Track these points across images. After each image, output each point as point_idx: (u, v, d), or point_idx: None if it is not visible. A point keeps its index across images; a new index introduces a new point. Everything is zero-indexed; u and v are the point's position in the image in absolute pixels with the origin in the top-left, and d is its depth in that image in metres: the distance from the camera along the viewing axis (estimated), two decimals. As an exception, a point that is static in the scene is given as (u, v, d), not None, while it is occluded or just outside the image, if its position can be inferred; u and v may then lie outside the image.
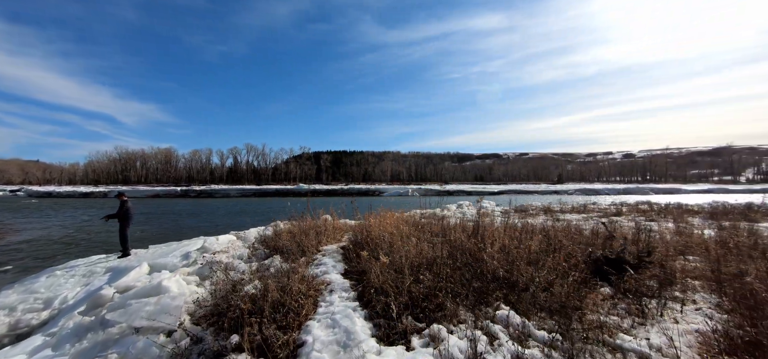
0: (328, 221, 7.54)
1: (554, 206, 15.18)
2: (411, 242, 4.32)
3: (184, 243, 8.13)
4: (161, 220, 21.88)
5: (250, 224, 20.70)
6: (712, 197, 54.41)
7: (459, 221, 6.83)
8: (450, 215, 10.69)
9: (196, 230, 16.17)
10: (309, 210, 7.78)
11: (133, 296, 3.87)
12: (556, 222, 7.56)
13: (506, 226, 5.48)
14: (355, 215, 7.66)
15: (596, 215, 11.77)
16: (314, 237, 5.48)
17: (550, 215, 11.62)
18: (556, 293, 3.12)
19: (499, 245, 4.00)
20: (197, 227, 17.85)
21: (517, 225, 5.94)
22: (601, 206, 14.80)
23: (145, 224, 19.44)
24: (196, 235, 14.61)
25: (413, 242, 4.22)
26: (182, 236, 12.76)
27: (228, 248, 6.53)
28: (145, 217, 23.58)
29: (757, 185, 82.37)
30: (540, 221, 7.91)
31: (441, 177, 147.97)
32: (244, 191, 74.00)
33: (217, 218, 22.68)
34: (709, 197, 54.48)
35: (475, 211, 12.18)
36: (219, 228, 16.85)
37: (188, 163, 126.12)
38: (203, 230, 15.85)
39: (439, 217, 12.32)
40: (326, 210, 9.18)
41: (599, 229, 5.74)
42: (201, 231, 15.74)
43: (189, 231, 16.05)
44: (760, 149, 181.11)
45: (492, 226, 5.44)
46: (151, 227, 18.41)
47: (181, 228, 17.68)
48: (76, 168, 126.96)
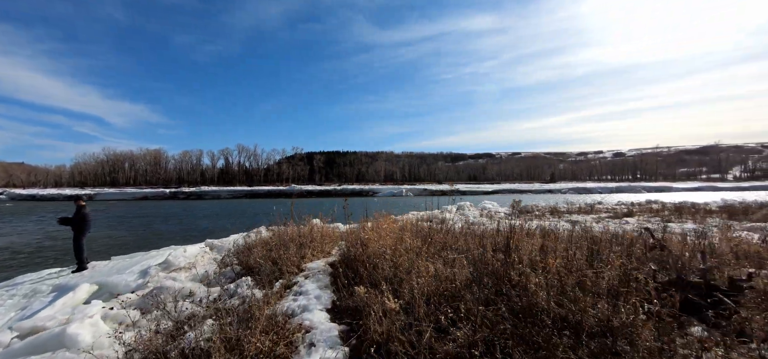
0: (316, 226, 6.39)
1: (560, 206, 14.28)
2: (420, 260, 3.26)
3: (150, 255, 6.97)
4: (140, 224, 20.42)
5: (235, 227, 19.26)
6: (703, 194, 54.70)
7: (462, 227, 5.87)
8: (450, 217, 9.70)
9: (173, 237, 14.95)
10: (293, 215, 6.63)
11: (24, 350, 2.76)
12: (578, 226, 6.63)
13: (544, 234, 4.48)
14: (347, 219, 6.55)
15: (606, 216, 10.93)
16: (296, 252, 4.34)
17: (559, 217, 10.69)
18: (644, 339, 2.11)
19: (541, 264, 2.99)
20: (175, 234, 16.51)
21: (554, 232, 4.92)
22: (609, 206, 13.98)
23: (121, 229, 18.03)
24: (172, 242, 13.17)
25: (424, 264, 3.13)
26: (156, 244, 11.46)
27: (195, 262, 5.40)
28: (123, 221, 22.12)
29: (746, 183, 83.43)
30: (563, 226, 6.90)
31: (434, 177, 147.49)
32: (235, 192, 72.20)
33: (201, 222, 21.36)
34: (701, 194, 54.75)
35: (477, 213, 11.17)
36: (198, 234, 15.59)
37: (178, 164, 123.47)
38: (181, 237, 14.67)
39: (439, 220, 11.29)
40: (318, 213, 8.04)
41: (642, 236, 4.74)
42: (179, 238, 14.45)
43: (166, 237, 14.79)
44: (745, 147, 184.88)
45: (520, 233, 4.40)
46: (125, 233, 16.98)
47: (158, 234, 16.32)
48: (62, 170, 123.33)
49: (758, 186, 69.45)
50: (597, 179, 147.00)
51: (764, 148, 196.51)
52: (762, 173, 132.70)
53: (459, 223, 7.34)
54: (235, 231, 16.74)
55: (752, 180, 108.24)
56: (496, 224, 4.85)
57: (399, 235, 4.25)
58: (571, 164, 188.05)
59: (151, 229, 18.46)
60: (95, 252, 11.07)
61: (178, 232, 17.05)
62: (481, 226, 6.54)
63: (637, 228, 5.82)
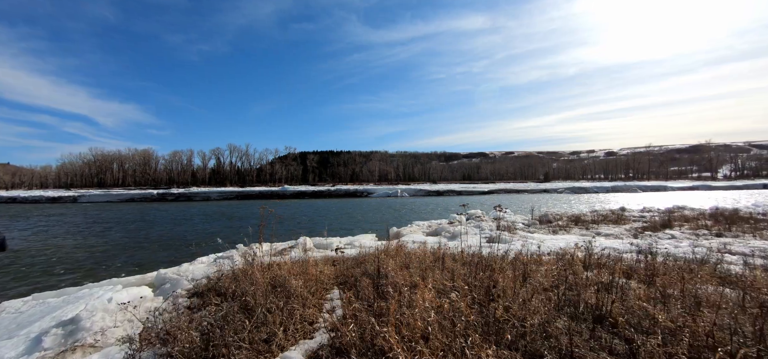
0: (296, 264, 4.69)
1: (584, 214, 13.07)
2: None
3: (80, 294, 4.94)
4: (110, 232, 18.63)
5: (222, 232, 17.72)
6: (699, 193, 54.91)
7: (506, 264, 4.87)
8: (462, 230, 8.77)
9: (141, 250, 13.17)
10: (261, 239, 4.76)
11: None
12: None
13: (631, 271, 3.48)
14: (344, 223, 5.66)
15: (640, 226, 9.80)
16: (256, 334, 2.52)
17: (585, 228, 9.80)
18: None
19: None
20: (146, 245, 14.39)
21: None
22: (635, 213, 12.80)
23: (92, 237, 16.43)
24: (139, 256, 11.70)
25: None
26: (114, 262, 10.35)
27: (114, 323, 3.77)
28: (97, 226, 20.58)
29: (738, 182, 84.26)
30: (624, 249, 5.87)
31: (429, 177, 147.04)
32: (226, 193, 70.66)
33: (180, 230, 19.34)
34: (697, 193, 55.00)
35: (493, 224, 10.24)
36: (173, 246, 14.01)
37: (168, 165, 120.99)
38: (150, 252, 12.82)
39: (450, 233, 10.39)
40: (310, 216, 7.13)
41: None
42: (147, 251, 12.85)
43: (133, 250, 13.09)
44: (733, 146, 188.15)
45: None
46: (95, 241, 15.29)
47: (124, 247, 14.04)
48: (48, 171, 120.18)
49: (751, 185, 70.17)
50: (590, 178, 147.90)
51: (752, 146, 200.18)
52: (751, 171, 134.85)
53: (482, 242, 6.46)
54: (223, 235, 15.40)
55: (742, 179, 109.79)
56: (553, 257, 4.00)
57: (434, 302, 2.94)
58: (565, 163, 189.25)
59: (125, 236, 16.88)
60: (44, 270, 9.83)
61: (151, 242, 15.15)
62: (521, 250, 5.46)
63: (710, 253, 4.82)
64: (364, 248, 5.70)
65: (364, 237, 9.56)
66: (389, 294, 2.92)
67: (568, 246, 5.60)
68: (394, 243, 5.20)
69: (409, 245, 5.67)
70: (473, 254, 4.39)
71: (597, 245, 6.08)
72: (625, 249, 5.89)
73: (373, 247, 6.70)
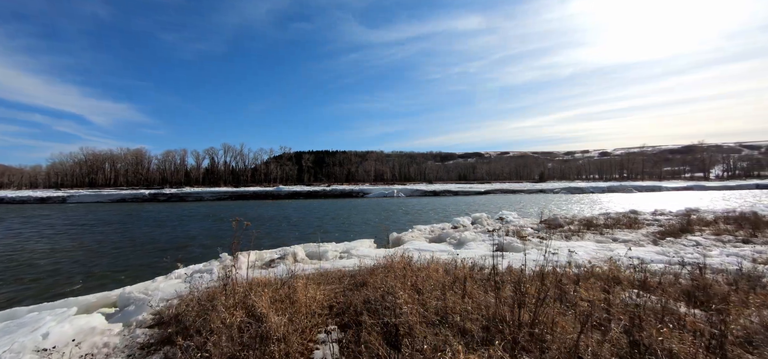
0: (287, 271, 4.18)
1: (596, 218, 12.35)
2: None
3: (26, 319, 3.84)
4: (87, 235, 17.51)
5: (209, 236, 16.73)
6: (694, 193, 55.03)
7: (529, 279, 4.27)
8: (469, 237, 8.08)
9: (112, 260, 11.66)
10: (235, 250, 3.96)
11: None
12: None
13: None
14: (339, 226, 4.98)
15: (657, 231, 9.12)
16: None
17: (597, 233, 9.19)
18: None
19: None
20: (118, 254, 12.76)
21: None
22: (648, 216, 12.08)
23: (67, 240, 15.35)
24: (114, 266, 10.49)
25: None
26: (71, 276, 9.15)
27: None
28: (67, 230, 19.37)
29: (731, 182, 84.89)
30: (650, 258, 5.28)
31: (425, 177, 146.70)
32: (220, 194, 69.46)
33: (164, 234, 17.87)
34: (692, 193, 55.09)
35: (503, 231, 9.56)
36: (151, 253, 12.73)
37: (161, 164, 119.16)
38: (123, 259, 11.53)
39: (456, 240, 9.81)
40: (304, 217, 6.48)
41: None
42: (122, 259, 11.55)
43: (109, 257, 11.90)
44: (724, 146, 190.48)
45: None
46: (68, 244, 14.28)
47: (96, 253, 12.71)
48: (38, 171, 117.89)
49: (743, 185, 70.64)
50: (585, 178, 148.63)
51: (743, 147, 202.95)
52: (742, 171, 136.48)
53: (492, 251, 5.87)
54: (205, 242, 14.36)
55: (734, 179, 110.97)
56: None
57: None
58: (560, 163, 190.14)
59: (102, 240, 15.73)
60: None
61: (129, 248, 13.90)
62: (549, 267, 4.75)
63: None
64: (364, 260, 5.04)
65: (362, 243, 8.87)
66: (405, 354, 2.15)
67: (596, 257, 5.02)
68: (399, 255, 4.56)
69: (414, 255, 5.03)
70: (497, 272, 3.74)
71: (622, 254, 5.50)
72: (654, 259, 5.32)
73: (373, 256, 6.04)
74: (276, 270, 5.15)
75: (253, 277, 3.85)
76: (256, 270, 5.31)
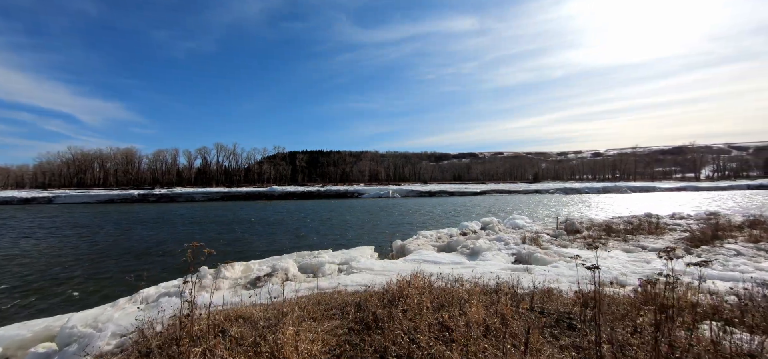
0: (275, 297, 3.48)
1: (614, 222, 11.51)
2: None
3: None
4: (52, 239, 16.09)
5: (191, 241, 14.91)
6: (688, 194, 55.30)
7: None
8: (484, 245, 7.20)
9: (72, 273, 9.93)
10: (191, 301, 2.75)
11: None
12: None
13: None
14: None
15: (685, 237, 8.41)
16: None
17: (620, 239, 8.51)
18: None
19: None
20: (79, 266, 10.94)
21: None
22: (668, 220, 11.35)
23: (11, 251, 13.37)
24: (48, 293, 8.28)
25: None
26: (14, 297, 7.51)
27: None
28: (33, 233, 17.97)
29: (723, 182, 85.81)
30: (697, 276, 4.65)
31: (420, 177, 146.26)
32: (211, 194, 68.02)
33: (141, 240, 15.87)
34: (686, 194, 55.37)
35: (517, 236, 8.75)
36: (114, 271, 10.33)
37: (152, 164, 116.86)
38: (84, 275, 9.69)
39: (469, 249, 9.02)
40: (298, 218, 5.67)
41: None
42: (79, 275, 9.62)
43: (64, 271, 9.96)
44: (714, 147, 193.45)
45: None
46: (28, 248, 13.03)
47: (59, 264, 10.98)
48: (24, 170, 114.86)
49: (735, 186, 71.39)
50: (578, 178, 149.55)
51: (731, 148, 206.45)
52: (731, 172, 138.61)
53: (501, 261, 5.09)
54: (185, 252, 12.91)
55: (724, 179, 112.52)
56: None
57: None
58: (553, 163, 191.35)
59: (68, 248, 14.07)
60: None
61: (96, 258, 12.14)
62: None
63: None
64: (367, 275, 4.25)
65: (362, 252, 8.03)
66: None
67: (634, 271, 4.33)
68: (411, 272, 3.78)
69: (426, 268, 4.25)
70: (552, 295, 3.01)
71: (659, 267, 4.81)
72: (711, 276, 4.61)
73: (377, 270, 5.26)
74: (263, 291, 4.32)
75: (229, 309, 3.04)
76: (239, 291, 4.48)
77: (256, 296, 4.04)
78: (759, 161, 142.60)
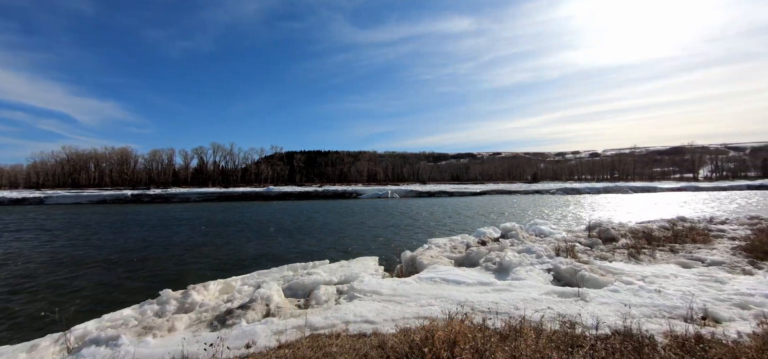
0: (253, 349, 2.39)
1: (650, 228, 10.24)
2: None
3: None
4: (29, 244, 15.03)
5: (171, 253, 13.10)
6: (689, 194, 54.69)
7: None
8: (516, 262, 5.86)
9: (30, 290, 8.59)
10: None
11: None
12: None
13: None
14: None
15: (739, 246, 7.35)
16: None
17: (666, 249, 7.46)
18: None
19: None
20: (45, 281, 9.42)
21: None
22: (708, 226, 10.07)
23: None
24: (37, 296, 7.71)
25: None
26: None
27: None
28: (36, 235, 17.17)
29: (722, 182, 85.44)
30: None
31: (418, 177, 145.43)
32: (207, 194, 66.70)
33: (115, 249, 13.94)
34: (686, 194, 54.73)
35: (550, 249, 7.43)
36: (85, 290, 8.70)
37: (148, 164, 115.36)
38: (22, 294, 8.33)
39: (495, 264, 8.01)
40: (295, 219, 4.66)
41: None
42: (19, 293, 8.20)
43: (28, 288, 8.62)
44: (711, 148, 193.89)
45: None
46: None
47: (25, 274, 9.79)
48: (17, 170, 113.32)
49: (735, 186, 70.92)
50: (577, 178, 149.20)
51: (728, 149, 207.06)
52: (729, 172, 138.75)
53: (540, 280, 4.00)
54: (161, 263, 11.12)
55: (722, 179, 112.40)
56: None
57: None
58: (551, 163, 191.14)
59: (45, 254, 12.77)
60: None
61: (49, 268, 10.69)
62: None
63: None
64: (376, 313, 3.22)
65: (365, 265, 6.89)
66: None
67: (709, 297, 3.34)
68: (430, 299, 2.80)
69: (443, 291, 3.22)
70: None
71: (736, 290, 3.79)
72: None
73: (386, 294, 4.23)
74: (233, 333, 3.26)
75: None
76: (202, 331, 3.42)
77: (220, 343, 3.01)
78: (756, 161, 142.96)
